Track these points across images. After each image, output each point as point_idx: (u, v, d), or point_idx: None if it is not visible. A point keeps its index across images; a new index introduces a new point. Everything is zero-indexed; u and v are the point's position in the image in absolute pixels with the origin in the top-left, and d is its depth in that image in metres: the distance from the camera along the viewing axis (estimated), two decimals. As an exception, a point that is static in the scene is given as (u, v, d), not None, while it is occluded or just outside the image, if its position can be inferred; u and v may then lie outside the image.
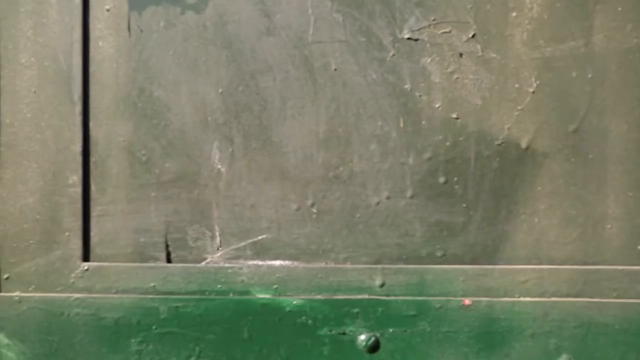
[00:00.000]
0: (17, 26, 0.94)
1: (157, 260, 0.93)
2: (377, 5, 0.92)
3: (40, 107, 0.94)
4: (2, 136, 0.94)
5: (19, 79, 0.94)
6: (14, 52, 0.94)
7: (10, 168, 0.94)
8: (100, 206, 0.94)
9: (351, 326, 0.89)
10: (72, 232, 0.93)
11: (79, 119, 0.93)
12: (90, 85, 0.94)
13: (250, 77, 0.93)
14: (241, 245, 0.92)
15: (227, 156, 0.93)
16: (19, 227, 0.93)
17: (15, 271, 0.93)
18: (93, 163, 0.94)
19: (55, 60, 0.94)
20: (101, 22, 0.94)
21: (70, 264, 0.93)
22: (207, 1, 0.93)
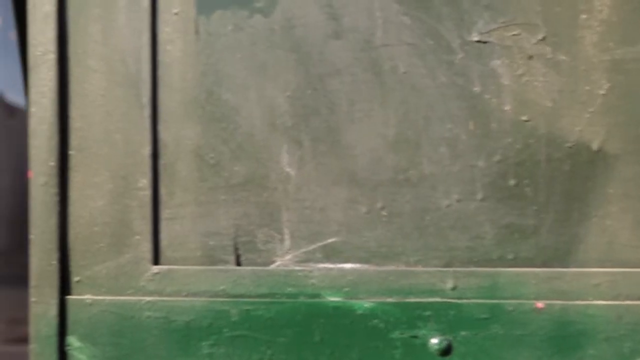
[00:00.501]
0: (86, 30, 0.94)
1: (226, 263, 0.94)
2: (445, 8, 0.92)
3: (109, 110, 0.94)
4: (72, 140, 0.94)
5: (88, 83, 0.94)
6: (83, 56, 0.94)
7: (81, 171, 0.94)
8: (170, 209, 0.94)
9: (423, 329, 0.89)
10: (142, 235, 0.93)
11: (148, 123, 0.93)
12: (158, 88, 0.94)
13: (318, 80, 0.93)
14: (311, 248, 0.93)
15: (296, 159, 0.93)
16: (90, 230, 0.94)
17: (86, 274, 0.94)
18: (162, 166, 0.94)
19: (124, 64, 0.94)
20: (169, 26, 0.94)
21: (141, 267, 0.93)
22: (275, 5, 0.94)
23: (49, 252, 0.93)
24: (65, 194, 0.94)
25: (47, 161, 0.93)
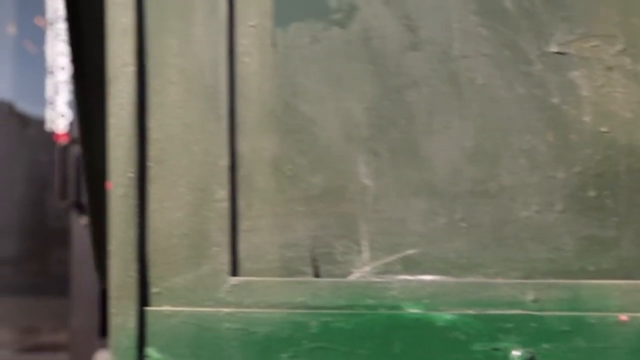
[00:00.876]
0: (165, 43, 0.95)
1: (304, 275, 0.94)
2: (523, 20, 0.92)
3: (187, 122, 0.95)
4: (150, 151, 0.95)
5: (166, 95, 0.95)
6: (162, 68, 0.95)
7: (159, 183, 0.95)
8: (248, 221, 0.94)
9: (505, 342, 0.89)
10: (220, 246, 0.94)
11: (226, 134, 0.94)
12: (235, 100, 0.95)
13: (396, 91, 0.93)
14: (390, 260, 0.93)
15: (374, 170, 0.93)
16: (168, 241, 0.94)
17: (165, 285, 0.94)
18: (240, 178, 0.94)
19: (202, 76, 0.95)
20: (246, 38, 0.95)
21: (219, 279, 0.94)
22: (352, 17, 0.94)
23: (128, 264, 0.94)
24: (143, 206, 0.95)
25: (126, 172, 0.94)
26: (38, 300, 3.89)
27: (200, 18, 0.95)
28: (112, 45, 0.95)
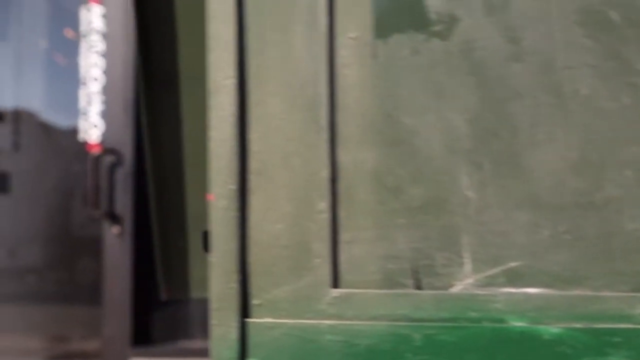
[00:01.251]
0: (265, 55, 0.95)
1: (405, 287, 0.93)
2: (629, 30, 0.91)
3: (288, 134, 0.95)
4: (251, 163, 0.95)
5: (266, 107, 0.95)
6: (262, 80, 0.95)
7: (260, 194, 0.95)
8: (349, 232, 0.94)
9: (614, 356, 0.88)
10: (321, 258, 0.93)
11: (326, 146, 0.94)
12: (336, 112, 0.95)
13: (498, 103, 0.93)
14: (493, 272, 0.92)
15: (476, 182, 0.93)
16: (269, 253, 0.94)
17: (266, 297, 0.94)
18: (341, 189, 0.94)
19: (302, 87, 0.95)
20: (346, 50, 0.95)
21: (321, 291, 0.93)
22: (452, 28, 0.94)
23: (230, 275, 0.94)
24: (244, 217, 0.95)
25: (227, 184, 0.94)
26: (67, 309, 3.91)
27: (300, 31, 0.95)
28: (213, 58, 0.95)
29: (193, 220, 1.30)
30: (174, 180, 1.23)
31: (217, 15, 0.95)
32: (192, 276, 1.30)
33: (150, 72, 1.36)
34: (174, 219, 1.27)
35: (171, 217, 1.27)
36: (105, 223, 3.46)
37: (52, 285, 3.91)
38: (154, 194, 1.49)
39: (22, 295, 3.76)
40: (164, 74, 1.31)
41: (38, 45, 3.87)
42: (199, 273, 1.28)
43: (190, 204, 1.27)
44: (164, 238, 1.45)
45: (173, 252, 1.29)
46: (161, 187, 1.45)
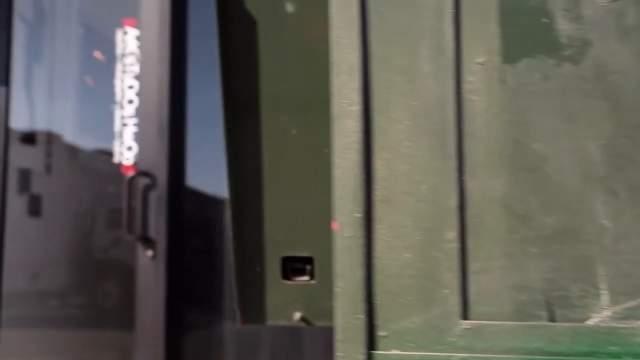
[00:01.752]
0: (390, 81, 0.93)
1: (538, 319, 0.90)
2: None
3: (414, 161, 0.92)
4: (377, 191, 0.93)
5: (391, 134, 0.93)
6: (387, 106, 0.93)
7: (386, 223, 0.92)
8: (478, 262, 0.91)
9: None
10: (450, 289, 0.91)
11: (454, 173, 0.92)
12: (463, 139, 0.92)
13: (634, 128, 0.90)
14: (633, 304, 0.89)
15: (612, 210, 0.90)
16: (396, 283, 0.92)
17: (393, 328, 0.91)
18: (469, 218, 0.92)
19: (428, 114, 0.93)
20: (473, 75, 0.93)
21: (450, 322, 0.90)
22: (584, 53, 0.92)
23: (356, 306, 0.91)
24: (370, 246, 0.92)
25: (353, 212, 0.92)
26: (85, 333, 3.86)
27: (426, 56, 0.93)
28: (338, 84, 0.93)
29: (270, 246, 1.27)
30: (252, 205, 1.21)
31: (341, 41, 0.93)
32: (268, 303, 1.27)
33: (231, 96, 1.35)
34: (251, 244, 1.24)
35: (248, 243, 1.25)
36: (138, 246, 3.44)
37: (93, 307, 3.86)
38: (232, 219, 1.47)
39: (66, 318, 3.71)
40: (245, 98, 1.29)
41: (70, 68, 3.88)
42: (275, 300, 1.25)
43: (267, 229, 1.25)
44: (241, 264, 1.42)
45: (250, 278, 1.26)
46: (239, 212, 1.42)
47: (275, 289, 1.32)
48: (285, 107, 1.28)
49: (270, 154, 1.35)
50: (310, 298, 1.24)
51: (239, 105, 1.43)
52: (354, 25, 0.93)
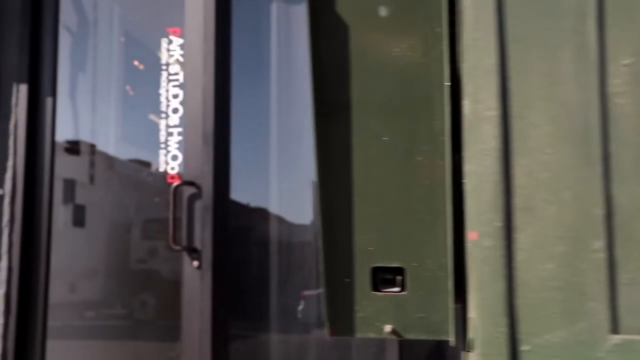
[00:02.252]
0: (529, 84, 0.90)
1: (694, 334, 0.86)
2: None
3: (555, 167, 0.89)
4: (516, 199, 0.89)
5: (530, 139, 0.89)
6: (525, 111, 0.90)
7: (527, 232, 0.88)
8: (628, 274, 0.87)
9: None
10: (598, 301, 0.86)
11: (600, 180, 0.88)
12: (609, 144, 0.89)
13: None
14: None
15: None
16: (539, 295, 0.88)
17: (537, 343, 0.87)
18: (616, 227, 0.88)
19: (570, 118, 0.89)
20: (619, 78, 0.89)
21: (598, 337, 0.86)
22: None
23: (497, 319, 0.87)
24: (511, 257, 0.88)
25: (491, 222, 0.88)
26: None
27: (567, 58, 0.89)
28: (473, 89, 0.90)
29: (360, 257, 1.24)
30: (342, 214, 1.18)
31: (477, 44, 0.90)
32: (357, 315, 1.23)
33: (321, 102, 1.32)
34: (341, 255, 1.21)
35: (338, 253, 1.21)
36: (184, 256, 3.42)
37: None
38: (322, 229, 1.43)
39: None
40: (336, 104, 1.26)
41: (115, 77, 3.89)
42: (364, 311, 1.21)
43: (357, 239, 1.22)
44: (330, 274, 1.39)
45: (339, 289, 1.22)
46: (329, 222, 1.39)
47: (364, 301, 1.29)
48: (377, 113, 1.25)
49: (361, 161, 1.32)
50: (401, 310, 1.21)
51: (329, 112, 1.40)
52: (490, 27, 0.90)
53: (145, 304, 3.86)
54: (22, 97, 3.55)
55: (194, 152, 3.39)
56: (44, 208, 3.56)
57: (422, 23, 0.94)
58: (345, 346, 3.36)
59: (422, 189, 1.02)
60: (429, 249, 1.13)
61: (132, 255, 3.81)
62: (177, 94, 3.50)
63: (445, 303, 1.09)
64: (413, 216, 1.15)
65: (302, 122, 3.50)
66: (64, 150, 3.76)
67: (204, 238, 3.30)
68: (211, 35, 3.36)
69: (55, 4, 3.67)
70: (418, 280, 1.15)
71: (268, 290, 3.44)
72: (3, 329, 3.36)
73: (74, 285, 3.76)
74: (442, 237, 1.13)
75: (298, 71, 3.50)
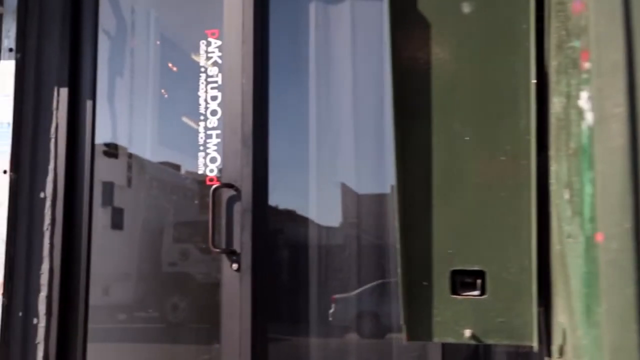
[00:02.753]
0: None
1: None
2: None
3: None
4: (645, 200, 0.85)
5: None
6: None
7: (658, 235, 0.85)
8: None
9: None
10: None
11: None
12: None
13: None
14: None
15: None
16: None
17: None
18: None
19: None
20: None
21: None
22: None
23: (627, 325, 0.83)
24: (640, 260, 0.85)
25: (621, 223, 0.84)
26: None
27: None
28: (600, 85, 0.86)
29: (439, 260, 1.20)
30: (422, 216, 1.14)
31: (602, 38, 0.87)
32: (435, 319, 1.20)
33: (401, 102, 1.29)
34: (419, 258, 1.17)
35: (416, 256, 1.18)
36: (223, 259, 3.40)
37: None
38: (400, 231, 1.41)
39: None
40: (416, 104, 1.23)
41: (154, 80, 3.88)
42: (443, 316, 1.18)
43: (436, 242, 1.18)
44: (407, 278, 1.36)
45: (417, 293, 1.19)
46: (407, 224, 1.36)
47: (443, 304, 1.26)
48: (458, 113, 1.22)
49: (441, 162, 1.29)
50: (481, 314, 1.17)
51: (409, 112, 1.37)
52: (617, 21, 0.86)
53: (177, 307, 3.84)
54: (63, 101, 3.56)
55: (233, 154, 3.37)
56: (84, 211, 3.57)
57: (508, 20, 0.90)
58: (387, 351, 3.32)
59: (505, 190, 0.98)
60: (511, 252, 1.10)
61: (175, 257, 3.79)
62: (215, 96, 3.48)
63: (527, 307, 1.06)
64: (495, 218, 1.11)
65: (340, 123, 3.46)
66: (102, 153, 3.76)
67: (243, 240, 3.28)
68: (250, 36, 3.35)
69: (95, 7, 3.67)
70: (499, 283, 1.12)
71: (308, 293, 3.41)
72: (45, 331, 3.37)
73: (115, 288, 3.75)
74: (525, 240, 1.09)
75: (337, 71, 3.47)
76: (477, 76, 1.14)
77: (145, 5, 3.81)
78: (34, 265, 3.35)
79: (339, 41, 3.48)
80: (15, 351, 3.34)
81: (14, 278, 3.34)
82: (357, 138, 3.39)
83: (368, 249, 3.32)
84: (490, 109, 1.11)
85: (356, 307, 3.37)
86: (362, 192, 3.41)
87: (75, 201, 3.55)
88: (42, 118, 3.46)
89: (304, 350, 3.50)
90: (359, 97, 3.39)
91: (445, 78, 1.19)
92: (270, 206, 3.44)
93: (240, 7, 3.33)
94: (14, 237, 3.37)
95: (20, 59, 3.45)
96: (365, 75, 3.43)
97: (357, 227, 3.37)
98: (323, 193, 3.47)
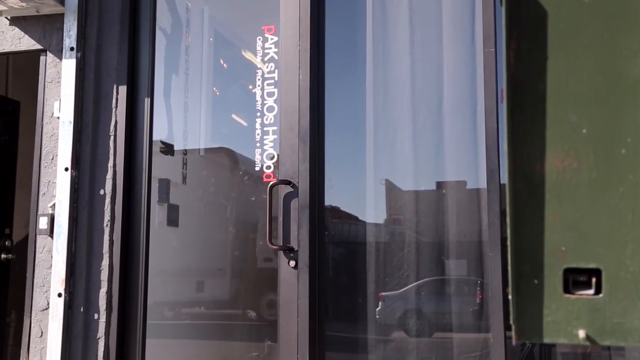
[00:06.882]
0: None
1: None
2: None
3: None
4: None
5: None
6: None
7: None
8: None
9: None
10: None
11: None
12: None
13: None
14: None
15: None
16: None
17: None
18: None
19: None
20: None
21: None
22: None
23: None
24: None
25: None
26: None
27: None
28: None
29: (551, 257, 1.14)
30: (534, 212, 1.08)
31: None
32: (547, 319, 1.14)
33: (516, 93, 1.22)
34: (531, 255, 1.11)
35: (527, 254, 1.12)
36: (280, 256, 3.37)
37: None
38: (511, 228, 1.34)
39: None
40: (531, 94, 1.17)
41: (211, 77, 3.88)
42: (554, 315, 1.11)
43: (549, 238, 1.12)
44: (518, 276, 1.29)
45: (527, 292, 1.13)
46: (518, 220, 1.30)
47: (554, 304, 1.19)
48: (575, 104, 1.15)
49: (556, 155, 1.22)
50: (596, 314, 1.11)
51: (524, 103, 1.31)
52: None
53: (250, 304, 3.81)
54: (122, 99, 3.59)
55: (290, 150, 3.34)
56: (142, 207, 3.59)
57: (633, 7, 0.84)
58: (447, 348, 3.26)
59: (624, 185, 0.92)
60: (630, 249, 1.03)
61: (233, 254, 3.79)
62: (272, 92, 3.46)
63: (648, 308, 1.00)
64: (613, 214, 1.05)
65: (397, 119, 3.40)
66: (158, 150, 3.78)
67: (300, 237, 3.25)
68: (306, 31, 3.31)
69: (153, 6, 3.69)
70: (616, 282, 1.05)
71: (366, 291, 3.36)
72: (105, 326, 3.40)
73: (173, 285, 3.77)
74: (646, 236, 1.03)
75: (393, 67, 3.41)
76: (596, 66, 1.07)
77: (201, 2, 3.81)
78: (94, 262, 3.38)
79: (396, 36, 3.42)
80: (76, 345, 3.39)
81: (75, 274, 3.39)
82: (414, 134, 3.33)
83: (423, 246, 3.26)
84: (610, 100, 1.05)
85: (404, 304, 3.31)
86: (414, 189, 3.35)
87: (134, 198, 3.57)
88: (102, 116, 3.50)
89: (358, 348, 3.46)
90: (417, 93, 3.33)
91: (561, 68, 1.13)
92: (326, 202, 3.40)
93: (297, 2, 3.29)
94: (74, 233, 3.41)
95: (81, 58, 3.49)
96: (424, 71, 3.37)
97: (410, 224, 3.31)
98: (375, 190, 3.42)
